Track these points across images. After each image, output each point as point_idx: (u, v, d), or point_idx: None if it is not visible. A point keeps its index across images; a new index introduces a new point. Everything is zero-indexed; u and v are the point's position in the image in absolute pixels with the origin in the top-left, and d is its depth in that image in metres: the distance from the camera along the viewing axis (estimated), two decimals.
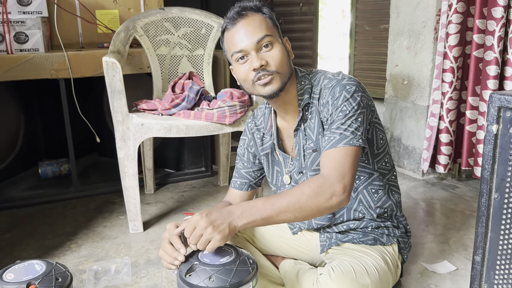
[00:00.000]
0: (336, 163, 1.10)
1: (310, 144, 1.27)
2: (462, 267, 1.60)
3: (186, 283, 1.00)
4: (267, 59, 1.18)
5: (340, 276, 1.11)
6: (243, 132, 1.47)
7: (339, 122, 1.16)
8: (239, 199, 1.43)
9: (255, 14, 1.20)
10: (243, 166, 1.45)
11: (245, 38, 1.18)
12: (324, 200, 1.06)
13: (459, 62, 2.21)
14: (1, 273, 1.03)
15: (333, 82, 1.22)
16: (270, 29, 1.20)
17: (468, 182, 2.44)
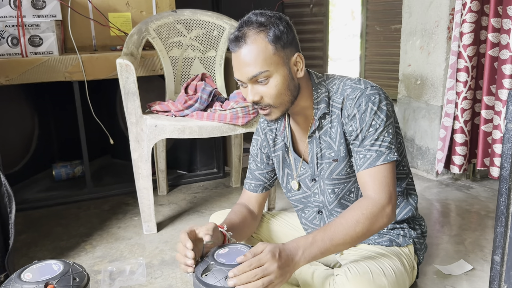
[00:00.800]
0: (380, 183, 1.13)
1: (330, 154, 1.24)
2: (479, 268, 1.58)
3: (203, 283, 1.00)
4: (262, 94, 1.14)
5: (357, 277, 1.10)
6: (255, 132, 1.45)
7: (371, 138, 1.15)
8: (254, 201, 1.41)
9: (256, 39, 1.11)
10: (256, 168, 1.43)
11: (240, 71, 1.14)
12: (379, 226, 1.11)
13: (473, 61, 2.19)
14: (19, 272, 1.04)
15: (357, 92, 1.18)
16: (268, 60, 1.11)
17: (483, 183, 2.41)
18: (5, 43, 1.99)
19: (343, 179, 1.25)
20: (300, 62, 1.18)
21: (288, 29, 1.14)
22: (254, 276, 0.96)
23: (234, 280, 0.96)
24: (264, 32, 1.12)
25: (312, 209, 1.35)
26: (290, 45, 1.15)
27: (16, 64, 1.97)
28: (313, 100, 1.23)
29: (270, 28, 1.12)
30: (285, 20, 1.16)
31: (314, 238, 1.05)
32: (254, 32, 1.12)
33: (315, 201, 1.33)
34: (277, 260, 0.98)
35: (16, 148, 2.43)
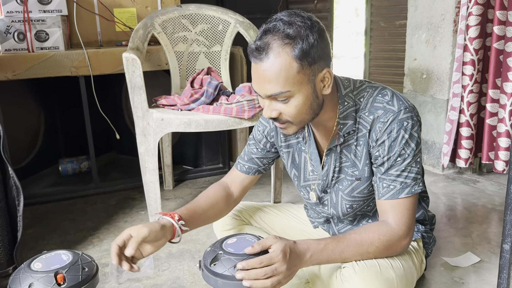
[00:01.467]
0: (402, 216, 1.11)
1: (353, 172, 1.19)
2: (486, 260, 1.57)
3: (211, 272, 1.00)
4: (281, 111, 1.05)
5: (364, 269, 1.08)
6: (262, 118, 1.35)
7: (398, 169, 1.11)
8: (239, 183, 1.34)
9: (280, 54, 0.98)
10: (256, 152, 1.35)
11: (259, 85, 1.04)
12: (390, 253, 1.11)
13: (479, 55, 2.18)
14: (29, 262, 1.05)
15: (389, 116, 1.09)
16: (291, 79, 1.00)
17: (489, 176, 2.40)
18: (11, 38, 2.00)
19: (364, 197, 1.23)
20: (328, 78, 1.06)
21: (319, 42, 1.01)
22: (263, 274, 0.96)
23: (242, 274, 0.96)
24: (290, 46, 0.98)
25: (318, 215, 1.34)
26: (319, 60, 1.02)
27: (22, 59, 1.98)
28: (338, 113, 1.14)
29: (297, 42, 0.98)
30: (318, 30, 1.01)
31: (326, 246, 1.05)
32: (279, 44, 0.99)
33: (323, 212, 1.31)
34: (287, 261, 0.98)
35: (23, 143, 2.44)
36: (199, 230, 1.85)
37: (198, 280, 1.48)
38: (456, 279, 1.47)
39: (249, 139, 1.37)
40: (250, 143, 1.36)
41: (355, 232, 1.10)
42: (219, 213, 1.30)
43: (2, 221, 1.44)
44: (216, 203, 1.27)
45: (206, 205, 1.24)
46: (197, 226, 1.22)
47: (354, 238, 1.08)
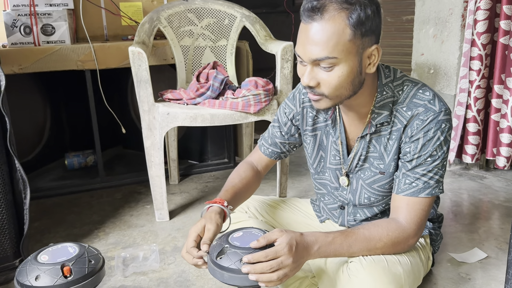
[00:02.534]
0: (415, 215, 1.11)
1: (379, 165, 1.18)
2: (493, 256, 1.56)
3: (217, 265, 1.00)
4: (320, 80, 1.02)
5: (371, 264, 1.08)
6: (288, 100, 1.31)
7: (425, 168, 1.10)
8: (264, 164, 1.38)
9: (335, 17, 0.96)
10: (280, 136, 1.33)
11: (304, 47, 1.00)
12: (397, 250, 1.11)
13: (487, 49, 2.16)
14: (36, 254, 1.05)
15: (429, 115, 1.08)
16: (340, 46, 0.97)
17: (496, 172, 2.39)
18: (17, 32, 2.00)
19: (384, 192, 1.22)
20: (375, 56, 1.04)
21: (376, 15, 0.99)
22: (269, 268, 0.95)
23: (248, 267, 0.96)
24: (347, 11, 0.96)
25: (334, 200, 1.33)
26: (371, 33, 1.00)
27: (28, 53, 1.98)
28: (375, 102, 1.12)
29: (355, 8, 0.96)
30: (376, 3, 1.00)
31: (334, 239, 1.04)
32: (336, 7, 0.96)
33: (341, 196, 1.29)
34: (293, 254, 0.97)
35: (29, 137, 2.44)
36: None
37: (203, 274, 1.48)
38: (462, 275, 1.46)
39: (273, 121, 1.36)
40: (274, 125, 1.35)
41: (363, 227, 1.10)
42: (252, 191, 1.34)
43: (8, 214, 1.44)
44: (248, 182, 1.29)
45: (242, 185, 1.26)
46: (237, 206, 1.25)
47: (363, 233, 1.08)
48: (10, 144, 1.41)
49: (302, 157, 2.72)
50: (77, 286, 0.99)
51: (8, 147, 1.41)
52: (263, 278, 0.95)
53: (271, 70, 2.24)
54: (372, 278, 1.05)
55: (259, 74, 2.03)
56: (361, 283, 1.05)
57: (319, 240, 1.03)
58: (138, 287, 1.43)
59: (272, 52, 2.01)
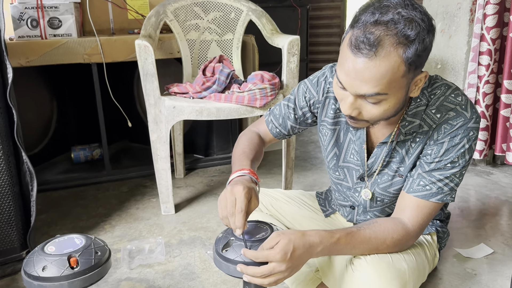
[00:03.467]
0: (421, 218, 1.10)
1: (398, 167, 1.15)
2: (500, 252, 1.56)
3: (223, 257, 1.00)
4: (363, 111, 0.97)
5: (376, 259, 1.08)
6: (311, 85, 1.24)
7: (443, 173, 1.07)
8: (268, 139, 1.33)
9: (390, 54, 0.87)
10: (293, 119, 1.27)
11: (349, 79, 0.92)
12: (396, 250, 1.10)
13: (496, 44, 2.14)
14: (43, 245, 1.06)
15: (459, 121, 1.04)
16: (393, 83, 0.90)
17: (504, 169, 2.37)
18: (24, 25, 2.01)
19: (397, 194, 1.19)
20: (421, 81, 0.97)
21: (432, 43, 0.91)
22: (260, 274, 0.94)
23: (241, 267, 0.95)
24: (404, 47, 0.87)
25: (345, 198, 1.30)
26: (423, 63, 0.94)
27: (35, 46, 1.98)
28: (408, 109, 1.07)
29: (414, 44, 0.87)
30: (434, 29, 0.91)
31: (339, 240, 1.02)
32: (392, 42, 0.87)
33: (352, 197, 1.28)
34: (287, 261, 0.93)
35: (36, 130, 2.45)
36: (209, 218, 1.86)
37: (209, 267, 1.49)
38: (468, 270, 1.45)
39: (288, 100, 1.27)
40: (289, 105, 1.27)
41: (369, 227, 1.07)
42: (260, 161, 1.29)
43: (15, 205, 1.45)
44: (260, 154, 1.26)
45: (256, 157, 1.22)
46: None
47: (369, 235, 1.06)
48: (18, 137, 1.42)
49: (307, 152, 2.71)
50: (83, 277, 1.00)
51: (15, 139, 1.42)
52: (254, 281, 0.95)
53: (277, 64, 2.23)
54: (376, 274, 1.04)
55: (265, 68, 2.02)
56: (365, 278, 1.05)
57: (324, 240, 1.00)
58: (143, 280, 1.44)
59: (278, 46, 2.00)
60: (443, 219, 1.36)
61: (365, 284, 1.05)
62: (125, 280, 1.44)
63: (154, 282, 1.42)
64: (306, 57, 3.73)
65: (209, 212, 1.92)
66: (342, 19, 4.06)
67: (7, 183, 1.42)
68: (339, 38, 4.10)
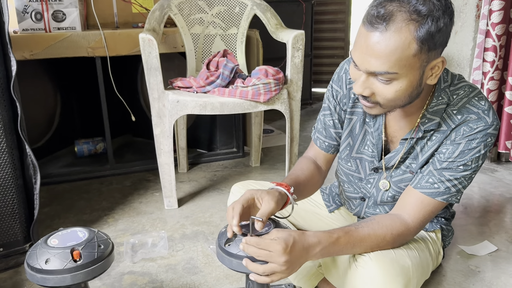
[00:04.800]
0: (423, 215, 1.10)
1: (411, 164, 1.14)
2: (504, 249, 1.55)
3: (226, 252, 1.00)
4: (376, 91, 0.96)
5: (379, 255, 1.07)
6: (334, 83, 1.23)
7: (453, 174, 1.07)
8: (323, 159, 1.30)
9: (402, 29, 0.87)
10: (333, 124, 1.24)
11: (362, 55, 0.92)
12: (395, 246, 1.10)
13: (502, 41, 2.12)
14: (46, 238, 1.06)
15: (480, 125, 1.03)
16: (403, 61, 0.89)
17: (508, 166, 2.36)
18: (29, 18, 2.00)
19: None
20: (439, 68, 0.96)
21: (448, 26, 0.90)
22: (257, 255, 0.94)
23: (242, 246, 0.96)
24: (416, 24, 0.87)
25: (355, 190, 1.29)
26: (439, 46, 0.92)
27: (39, 39, 1.98)
28: (428, 106, 1.07)
29: (426, 21, 0.87)
30: (450, 12, 0.90)
31: (338, 239, 1.02)
32: (404, 18, 0.87)
33: (364, 188, 1.26)
34: (287, 253, 0.93)
35: (39, 124, 2.46)
36: (213, 213, 1.86)
37: (211, 261, 1.49)
38: (472, 267, 1.45)
39: (323, 109, 1.27)
40: (325, 114, 1.26)
41: (367, 225, 1.07)
42: (315, 187, 1.28)
43: (19, 198, 1.46)
44: (312, 177, 1.24)
45: (305, 179, 1.21)
46: (300, 198, 1.19)
47: (367, 233, 1.06)
48: (21, 130, 1.42)
49: None
50: (86, 270, 1.00)
51: (19, 132, 1.42)
52: (250, 266, 0.95)
53: (281, 59, 2.22)
54: (380, 270, 1.04)
55: (270, 63, 2.01)
56: (368, 275, 1.05)
57: (322, 241, 1.00)
58: (146, 273, 1.44)
59: (283, 40, 1.99)
60: (448, 217, 1.35)
61: (369, 280, 1.05)
62: (128, 274, 1.44)
63: (157, 276, 1.42)
64: (310, 52, 3.71)
65: (212, 207, 1.92)
66: (347, 15, 4.03)
67: (11, 176, 1.43)
68: (344, 34, 4.08)
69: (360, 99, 1.02)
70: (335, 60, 4.08)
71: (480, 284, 1.36)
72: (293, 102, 1.93)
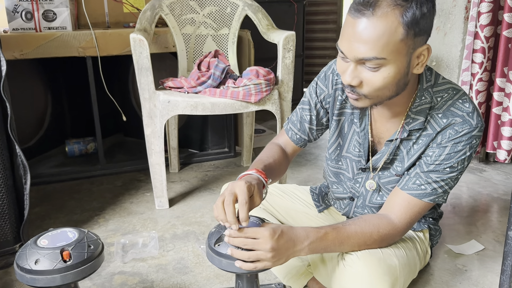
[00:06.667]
0: (410, 216, 1.11)
1: (397, 167, 1.16)
2: (491, 248, 1.57)
3: (216, 252, 1.01)
4: (363, 80, 0.96)
5: (367, 254, 1.09)
6: (320, 80, 1.24)
7: (440, 176, 1.09)
8: (290, 148, 1.32)
9: (388, 14, 0.89)
10: (309, 120, 1.26)
11: (349, 43, 0.93)
12: (382, 246, 1.11)
13: (490, 42, 2.15)
14: (36, 239, 1.06)
15: (465, 128, 1.05)
16: (391, 46, 0.91)
17: (496, 166, 2.39)
18: (19, 17, 1.99)
19: None
20: (425, 56, 0.97)
21: (431, 14, 0.93)
22: (243, 244, 0.95)
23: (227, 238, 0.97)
24: (401, 8, 0.89)
25: (345, 190, 1.31)
26: (424, 33, 0.94)
27: (30, 39, 1.97)
28: (412, 106, 1.08)
29: (411, 6, 0.89)
30: (433, 0, 0.94)
31: (326, 235, 1.03)
32: (389, 3, 0.90)
33: (353, 188, 1.28)
34: (274, 240, 0.95)
35: (30, 123, 2.45)
36: (203, 213, 1.87)
37: (202, 261, 1.49)
38: (459, 266, 1.47)
39: (302, 103, 1.28)
40: (304, 108, 1.27)
41: (355, 223, 1.09)
42: (282, 172, 1.29)
43: (9, 199, 1.45)
44: (279, 161, 1.25)
45: (275, 164, 1.21)
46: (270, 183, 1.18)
47: (355, 230, 1.07)
48: (11, 130, 1.42)
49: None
50: (76, 271, 1.00)
51: (9, 132, 1.42)
52: (236, 254, 0.96)
53: (273, 60, 2.23)
54: (367, 269, 1.05)
55: (261, 64, 2.02)
56: (356, 274, 1.06)
57: (311, 235, 1.01)
58: (137, 273, 1.44)
59: (274, 41, 2.00)
60: (436, 217, 1.36)
61: (356, 279, 1.06)
62: (118, 274, 1.44)
63: (147, 276, 1.43)
64: (302, 52, 3.73)
65: (203, 207, 1.92)
66: (339, 15, 4.06)
67: (0, 176, 1.42)
68: (336, 34, 4.10)
69: (347, 91, 1.02)
70: (327, 60, 4.08)
71: (467, 282, 1.38)
72: (284, 102, 1.94)
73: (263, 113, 2.33)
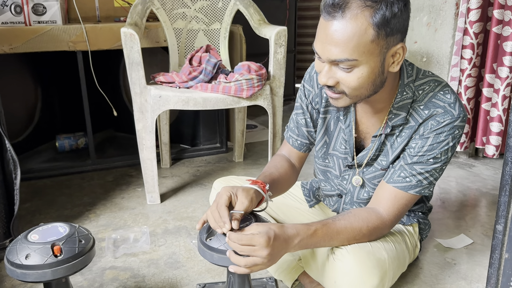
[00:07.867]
0: (397, 208, 1.12)
1: (382, 161, 1.17)
2: (479, 242, 1.59)
3: (207, 246, 1.02)
4: (339, 80, 0.98)
5: (356, 248, 1.10)
6: (305, 82, 1.25)
7: (424, 167, 1.10)
8: (295, 157, 1.32)
9: (357, 16, 0.90)
10: (305, 123, 1.27)
11: (322, 45, 0.95)
12: (371, 239, 1.13)
13: (479, 39, 2.17)
14: (26, 234, 1.06)
15: (447, 118, 1.06)
16: (362, 47, 0.91)
17: (485, 161, 2.42)
18: (8, 11, 1.97)
19: None
20: (400, 55, 0.98)
21: (403, 12, 0.93)
22: (240, 250, 0.96)
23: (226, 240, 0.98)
24: (371, 9, 0.90)
25: (332, 188, 1.32)
26: (397, 32, 0.94)
27: (19, 33, 1.95)
28: (394, 102, 1.09)
29: (380, 7, 0.90)
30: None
31: (316, 231, 1.04)
32: (359, 5, 0.90)
33: (340, 185, 1.29)
34: (270, 246, 0.96)
35: (20, 118, 2.43)
36: (195, 208, 1.87)
37: (193, 256, 1.50)
38: (448, 260, 1.49)
39: (296, 108, 1.30)
40: (297, 112, 1.29)
41: (344, 218, 1.10)
42: (289, 184, 1.30)
43: None
44: (285, 173, 1.26)
45: (279, 176, 1.22)
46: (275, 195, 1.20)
47: (344, 225, 1.08)
48: (1, 124, 1.40)
49: None
50: (67, 265, 1.00)
51: None
52: (233, 258, 0.97)
53: (264, 55, 2.23)
54: (356, 262, 1.07)
55: (253, 59, 2.02)
56: (345, 267, 1.08)
57: (301, 232, 1.02)
58: (128, 268, 1.44)
59: (265, 36, 2.00)
60: (425, 211, 1.38)
61: (346, 273, 1.07)
62: (110, 269, 1.44)
63: (139, 271, 1.43)
64: (294, 48, 3.73)
65: (194, 202, 1.92)
66: None
67: None
68: None
69: (326, 91, 1.04)
70: None
71: (456, 276, 1.40)
72: (275, 98, 1.94)
73: (255, 108, 2.34)
